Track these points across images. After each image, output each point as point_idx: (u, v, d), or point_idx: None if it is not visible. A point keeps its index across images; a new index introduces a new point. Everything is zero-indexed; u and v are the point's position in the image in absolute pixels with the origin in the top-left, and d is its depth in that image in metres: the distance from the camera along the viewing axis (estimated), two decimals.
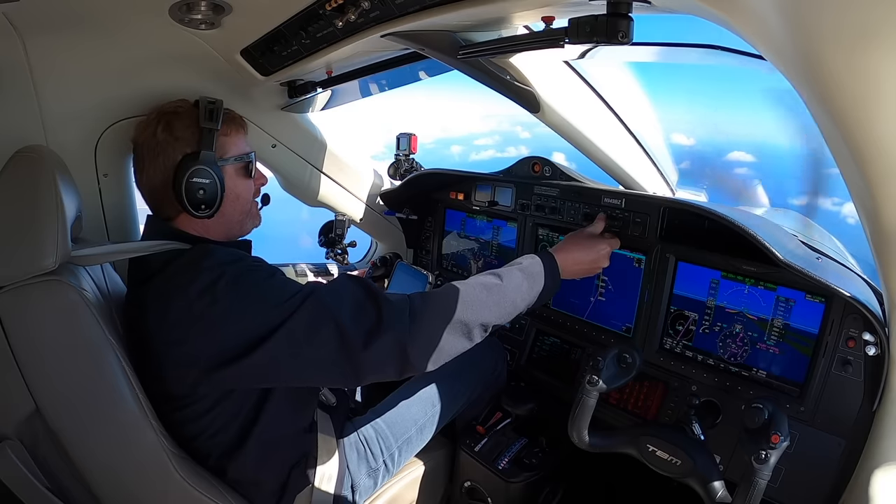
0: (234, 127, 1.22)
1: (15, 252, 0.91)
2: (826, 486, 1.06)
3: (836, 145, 0.56)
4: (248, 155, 1.23)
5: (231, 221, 1.21)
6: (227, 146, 1.19)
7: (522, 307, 1.19)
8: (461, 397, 1.50)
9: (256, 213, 1.29)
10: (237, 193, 1.20)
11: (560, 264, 1.26)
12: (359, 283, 1.09)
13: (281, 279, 1.06)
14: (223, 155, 1.18)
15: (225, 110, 1.19)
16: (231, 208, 1.20)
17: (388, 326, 1.02)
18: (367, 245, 2.29)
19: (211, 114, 1.15)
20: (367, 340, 1.00)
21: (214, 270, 1.00)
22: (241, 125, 1.25)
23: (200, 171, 1.12)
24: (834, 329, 1.09)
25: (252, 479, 1.14)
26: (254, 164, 1.25)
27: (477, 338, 1.12)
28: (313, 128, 1.83)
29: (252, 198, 1.25)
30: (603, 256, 1.32)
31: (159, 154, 1.14)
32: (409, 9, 0.89)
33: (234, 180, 1.20)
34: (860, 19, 0.39)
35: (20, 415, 0.94)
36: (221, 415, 1.08)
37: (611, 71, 1.45)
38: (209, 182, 1.12)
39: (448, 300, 1.10)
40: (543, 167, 1.57)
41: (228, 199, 1.18)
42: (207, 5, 0.99)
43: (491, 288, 1.14)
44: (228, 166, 1.18)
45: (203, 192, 1.12)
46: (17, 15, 1.02)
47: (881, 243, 0.67)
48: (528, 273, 1.21)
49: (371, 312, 1.03)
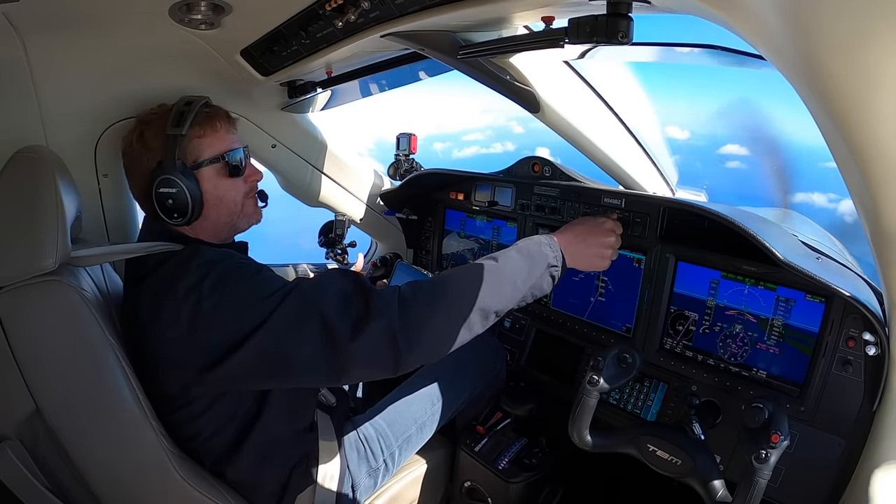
0: (211, 126, 1.16)
1: (15, 252, 0.91)
2: (826, 486, 1.06)
3: (836, 145, 0.56)
4: (230, 154, 1.17)
5: (218, 224, 1.18)
6: (201, 148, 1.15)
7: (524, 289, 1.11)
8: (461, 395, 1.49)
9: (253, 210, 1.25)
10: (219, 196, 1.16)
11: (560, 242, 1.18)
12: (347, 275, 1.05)
13: (267, 275, 1.03)
14: (197, 158, 1.14)
15: (205, 110, 1.16)
16: (215, 211, 1.16)
17: (376, 315, 0.97)
18: (367, 245, 2.29)
19: (179, 117, 1.12)
20: (354, 332, 0.96)
21: (201, 269, 0.99)
22: (223, 123, 1.19)
23: (166, 181, 1.09)
24: (834, 329, 1.09)
25: (251, 480, 1.13)
26: (245, 161, 1.20)
27: (477, 326, 1.05)
28: (313, 128, 1.83)
29: (242, 197, 1.21)
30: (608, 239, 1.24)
31: (136, 164, 1.15)
32: (409, 9, 0.89)
33: (216, 182, 1.15)
34: (859, 19, 0.39)
35: (20, 415, 0.94)
36: (216, 418, 1.07)
37: (611, 71, 1.45)
38: (176, 191, 1.09)
39: (440, 286, 1.06)
40: (543, 167, 1.57)
41: (210, 203, 1.15)
42: (207, 5, 0.99)
43: (486, 270, 1.07)
44: (205, 169, 1.14)
45: (172, 201, 1.09)
46: (17, 15, 1.02)
47: (881, 243, 0.67)
48: (526, 252, 1.14)
49: (359, 304, 0.98)
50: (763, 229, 1.10)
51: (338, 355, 0.97)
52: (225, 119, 1.20)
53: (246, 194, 1.22)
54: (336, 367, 0.99)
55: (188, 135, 1.13)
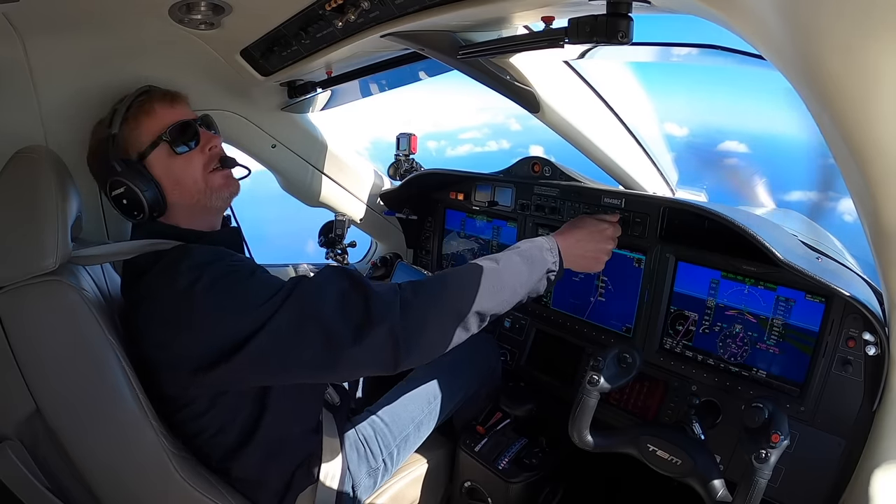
0: (145, 112, 1.10)
1: (15, 252, 0.91)
2: (826, 486, 1.06)
3: (835, 145, 0.56)
4: (165, 133, 1.09)
5: (189, 207, 1.13)
6: (140, 137, 1.10)
7: (522, 293, 1.12)
8: (458, 393, 1.49)
9: (224, 182, 1.17)
10: (176, 178, 1.11)
11: (561, 246, 1.19)
12: (344, 274, 1.04)
13: (262, 277, 1.01)
14: (140, 149, 1.10)
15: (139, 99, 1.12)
16: (178, 196, 1.11)
17: (379, 319, 0.96)
18: (367, 245, 2.29)
19: (111, 118, 1.11)
20: (356, 336, 0.95)
21: (193, 272, 0.97)
22: (160, 103, 1.12)
23: (114, 183, 1.07)
24: (834, 329, 1.09)
25: (256, 479, 1.13)
26: (191, 133, 1.12)
27: (473, 328, 1.05)
28: (313, 128, 1.83)
29: (202, 171, 1.13)
30: (607, 246, 1.26)
31: (95, 177, 1.16)
32: (409, 9, 0.89)
33: (166, 165, 1.10)
34: (859, 19, 0.39)
35: (20, 415, 0.94)
36: (218, 416, 1.07)
37: (610, 71, 1.45)
38: (124, 190, 1.06)
39: (441, 288, 1.05)
40: (543, 167, 1.57)
41: (169, 189, 1.10)
42: (207, 5, 1.00)
43: (487, 273, 1.07)
44: (151, 156, 1.09)
45: (125, 200, 1.07)
46: (17, 15, 1.02)
47: (881, 243, 0.67)
48: (527, 257, 1.13)
49: (359, 305, 0.97)
50: (763, 229, 1.10)
51: (338, 357, 0.97)
52: (162, 99, 1.13)
53: (205, 167, 1.14)
54: (335, 368, 0.99)
55: (121, 131, 1.10)
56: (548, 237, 1.21)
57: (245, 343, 0.94)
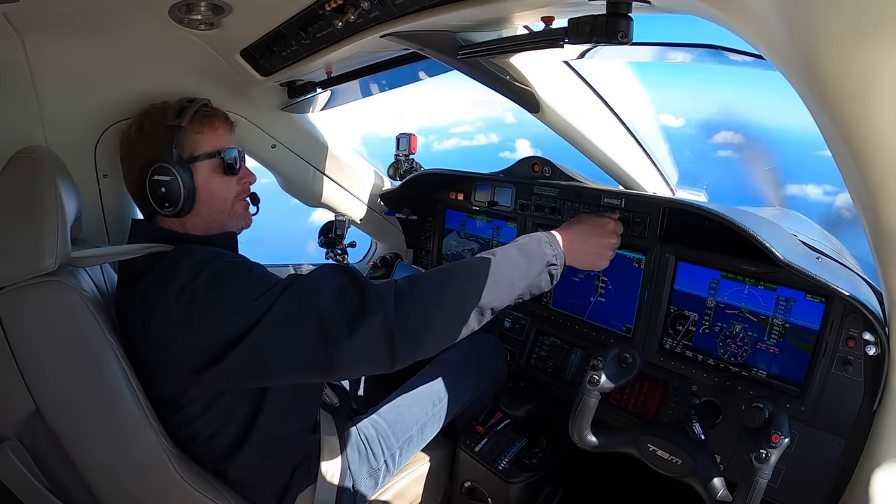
0: (209, 124, 1.18)
1: (15, 252, 0.91)
2: (826, 486, 1.06)
3: (835, 144, 0.56)
4: (225, 152, 1.18)
5: (209, 219, 1.18)
6: (198, 144, 1.16)
7: (522, 287, 1.10)
8: (464, 395, 1.48)
9: (244, 213, 1.26)
10: (212, 191, 1.17)
11: (562, 239, 1.18)
12: (341, 270, 1.04)
13: (259, 273, 1.03)
14: (193, 153, 1.15)
15: (204, 108, 1.18)
16: (206, 206, 1.16)
17: (373, 310, 0.96)
18: (367, 245, 2.29)
19: (180, 111, 1.14)
20: (351, 327, 0.95)
21: (193, 269, 0.98)
22: (222, 123, 1.21)
23: (161, 169, 1.10)
24: (834, 329, 1.09)
25: (253, 480, 1.13)
26: (239, 162, 1.21)
27: (473, 323, 1.05)
28: (313, 128, 1.83)
29: (234, 197, 1.21)
30: (610, 240, 1.25)
31: (132, 154, 1.16)
32: (409, 9, 0.89)
33: (209, 178, 1.16)
34: (857, 17, 0.39)
35: (20, 415, 0.94)
36: (215, 418, 1.07)
37: (611, 70, 1.45)
38: (170, 179, 1.09)
39: (437, 280, 1.05)
40: (543, 167, 1.57)
41: (202, 197, 1.15)
42: (207, 6, 1.00)
43: (484, 266, 1.06)
44: (200, 164, 1.15)
45: (164, 189, 1.10)
46: (17, 15, 1.02)
47: (881, 243, 0.67)
48: (525, 250, 1.13)
49: (354, 299, 0.97)
50: (763, 229, 1.10)
51: (334, 351, 0.96)
52: (223, 120, 1.22)
53: (237, 195, 1.22)
54: (332, 363, 0.98)
55: (187, 128, 1.14)
56: (548, 232, 1.20)
57: (241, 338, 0.94)
